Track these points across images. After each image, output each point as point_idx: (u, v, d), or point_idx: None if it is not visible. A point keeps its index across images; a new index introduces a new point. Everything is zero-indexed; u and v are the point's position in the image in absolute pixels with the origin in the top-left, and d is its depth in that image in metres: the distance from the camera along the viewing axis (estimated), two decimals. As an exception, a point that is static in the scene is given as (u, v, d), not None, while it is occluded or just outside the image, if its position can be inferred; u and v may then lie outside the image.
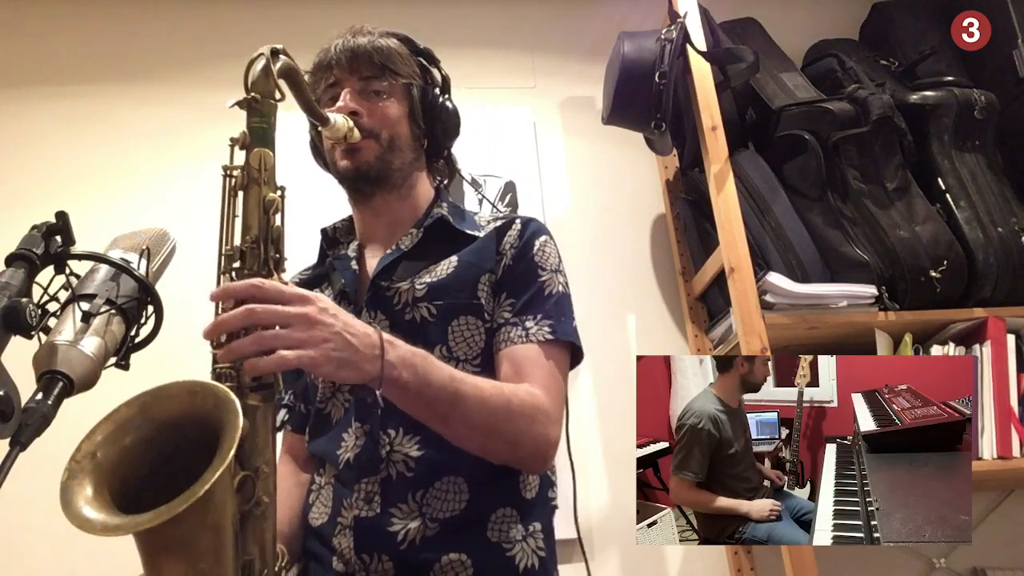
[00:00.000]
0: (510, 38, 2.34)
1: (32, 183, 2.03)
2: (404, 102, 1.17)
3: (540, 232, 1.16)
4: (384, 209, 1.18)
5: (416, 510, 1.01)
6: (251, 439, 0.81)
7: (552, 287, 1.11)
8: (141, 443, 0.76)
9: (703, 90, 1.86)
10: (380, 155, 1.14)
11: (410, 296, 1.10)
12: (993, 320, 1.77)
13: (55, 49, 2.19)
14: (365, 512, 1.02)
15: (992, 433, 1.69)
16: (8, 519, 1.69)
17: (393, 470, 1.03)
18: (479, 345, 1.09)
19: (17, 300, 0.73)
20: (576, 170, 2.23)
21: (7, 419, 0.69)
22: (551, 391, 1.03)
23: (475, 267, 1.11)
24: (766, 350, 1.64)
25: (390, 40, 1.18)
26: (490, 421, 0.96)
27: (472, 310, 1.09)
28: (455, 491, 1.03)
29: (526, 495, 1.07)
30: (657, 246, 2.19)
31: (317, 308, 0.83)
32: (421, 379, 0.90)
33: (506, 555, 1.02)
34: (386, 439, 1.04)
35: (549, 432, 1.01)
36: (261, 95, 0.89)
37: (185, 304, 1.52)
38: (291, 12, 2.29)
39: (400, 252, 1.14)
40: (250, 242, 0.87)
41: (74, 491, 0.71)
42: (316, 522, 1.08)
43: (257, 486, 0.81)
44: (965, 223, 1.85)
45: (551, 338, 1.06)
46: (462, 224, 1.18)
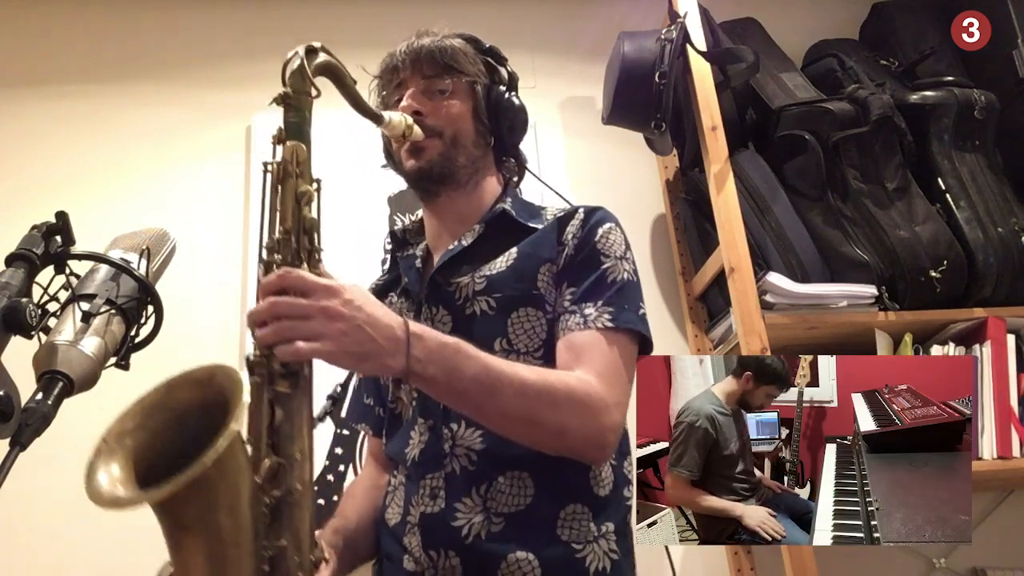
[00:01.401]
0: (510, 38, 2.32)
1: (32, 183, 2.03)
2: (468, 100, 1.17)
3: (605, 220, 1.13)
4: (450, 207, 1.18)
5: (480, 504, 1.00)
6: (284, 426, 0.80)
7: (616, 274, 1.07)
8: (168, 427, 0.76)
9: (703, 90, 1.86)
10: (444, 152, 1.13)
11: (470, 290, 1.08)
12: (993, 320, 1.77)
13: (55, 49, 2.20)
14: (430, 508, 1.01)
15: (992, 433, 1.69)
16: (8, 519, 1.69)
17: (456, 464, 1.02)
18: (540, 337, 1.06)
19: (17, 300, 0.73)
20: (576, 170, 2.23)
21: (7, 419, 0.69)
22: (607, 378, 0.99)
23: (534, 257, 1.09)
24: (766, 350, 1.64)
25: (454, 40, 1.19)
26: (531, 410, 0.93)
27: (532, 301, 1.07)
28: (519, 485, 1.01)
29: (599, 492, 1.04)
30: (657, 246, 2.19)
31: (341, 300, 0.82)
32: (450, 371, 0.88)
33: (576, 556, 0.99)
34: (448, 433, 1.03)
35: (603, 420, 0.97)
36: (295, 91, 0.89)
37: (185, 304, 1.53)
38: (291, 12, 2.29)
39: (460, 248, 1.14)
40: (283, 232, 0.87)
41: (99, 469, 0.71)
42: (391, 521, 1.08)
43: (291, 473, 0.79)
44: (965, 223, 1.85)
45: (611, 325, 1.03)
46: (525, 218, 1.16)
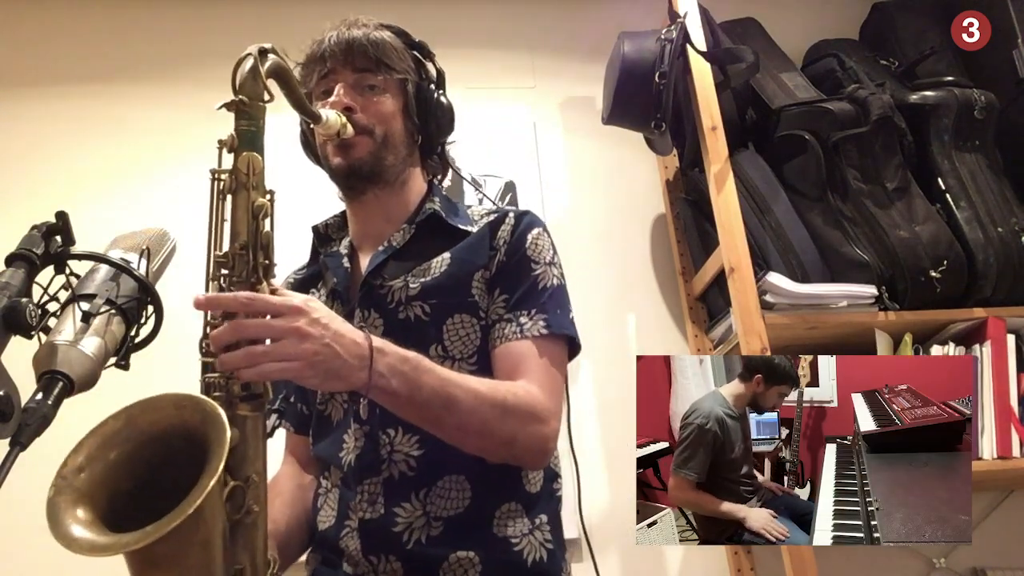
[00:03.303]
0: (510, 38, 2.34)
1: (32, 183, 2.03)
2: (399, 97, 1.16)
3: (533, 224, 1.15)
4: (376, 205, 1.17)
5: (420, 509, 1.02)
6: (241, 449, 0.81)
7: (546, 280, 1.10)
8: (128, 456, 0.76)
9: (703, 90, 1.86)
10: (374, 151, 1.12)
11: (403, 295, 1.09)
12: (993, 320, 1.77)
13: (55, 49, 2.19)
14: (370, 513, 1.02)
15: (992, 433, 1.69)
16: (8, 519, 1.69)
17: (395, 470, 1.03)
18: (475, 343, 1.08)
19: (17, 300, 0.73)
20: (576, 170, 2.23)
21: (7, 419, 0.69)
22: (547, 387, 1.03)
23: (468, 264, 1.11)
24: (766, 350, 1.64)
25: (384, 33, 1.16)
26: (484, 422, 0.96)
27: (466, 308, 1.09)
28: (458, 489, 1.03)
29: (530, 489, 1.07)
30: (657, 246, 2.19)
31: (308, 319, 0.83)
32: (411, 385, 0.91)
33: (514, 549, 1.02)
34: (386, 439, 1.04)
35: (545, 429, 1.01)
36: (249, 97, 0.89)
37: (185, 304, 1.52)
38: (291, 12, 2.29)
39: (392, 249, 1.13)
40: (239, 248, 0.86)
41: (61, 508, 0.71)
42: (323, 525, 1.08)
43: (247, 495, 0.81)
44: (965, 223, 1.85)
45: (546, 332, 1.06)
46: (454, 219, 1.16)
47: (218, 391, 0.82)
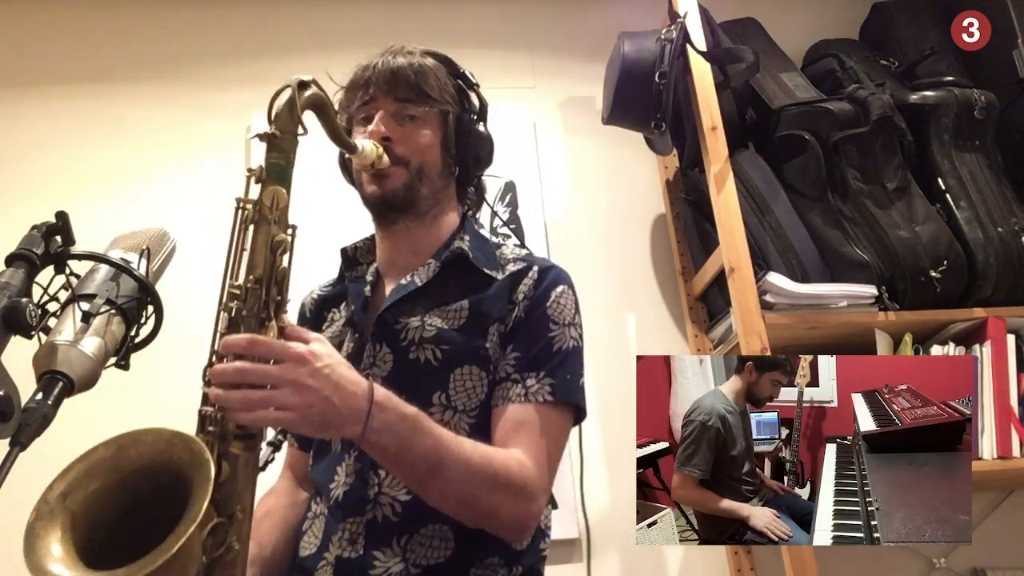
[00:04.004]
0: (510, 38, 2.34)
1: (32, 183, 2.03)
2: (438, 130, 1.14)
3: (557, 282, 1.11)
4: (406, 237, 1.16)
5: (400, 555, 0.99)
6: (230, 485, 0.81)
7: (562, 342, 1.07)
8: (113, 487, 0.76)
9: (703, 90, 1.86)
10: (408, 183, 1.11)
11: (418, 335, 1.07)
12: (993, 320, 1.77)
13: (55, 49, 2.19)
14: (348, 553, 1.00)
15: (992, 433, 1.69)
16: (8, 519, 1.69)
17: (379, 512, 1.01)
18: (479, 397, 1.06)
19: (17, 300, 0.73)
20: (576, 170, 2.23)
21: (7, 419, 0.69)
22: (541, 461, 1.01)
23: (485, 317, 1.08)
24: (766, 350, 1.64)
25: (428, 61, 1.15)
26: (469, 492, 0.94)
27: (477, 360, 1.06)
28: (440, 539, 1.01)
29: (516, 546, 1.04)
30: (657, 246, 2.19)
31: (310, 370, 0.82)
32: (403, 444, 0.90)
33: None
34: (375, 480, 1.02)
35: (530, 507, 0.99)
36: (282, 131, 0.89)
37: (185, 304, 1.52)
38: (291, 11, 2.29)
39: (414, 286, 1.11)
40: (253, 282, 0.86)
41: (39, 536, 0.71)
42: (304, 552, 1.07)
43: (230, 532, 0.80)
44: (965, 223, 1.85)
45: (551, 399, 1.03)
46: (482, 261, 1.14)
47: (213, 425, 0.82)
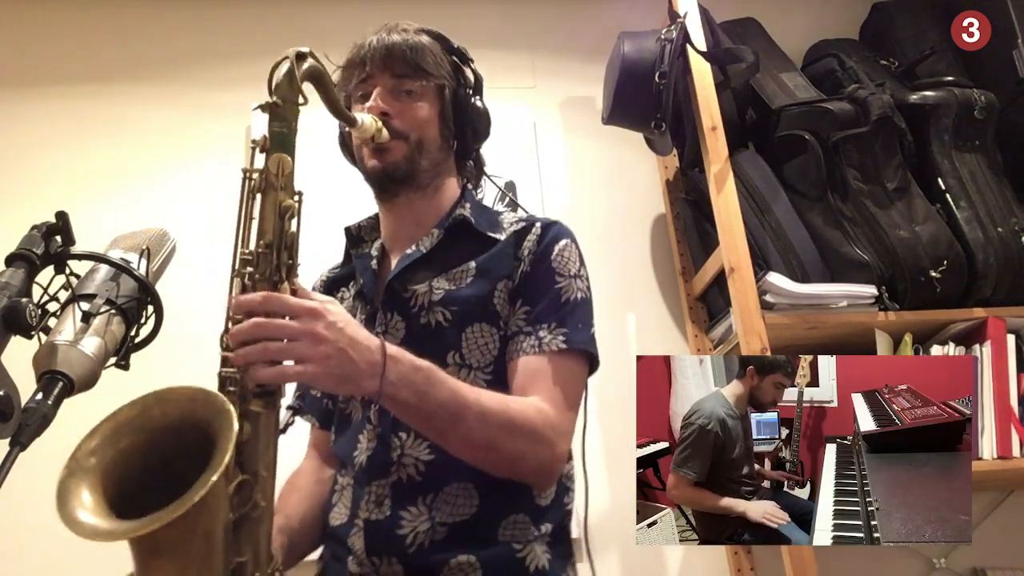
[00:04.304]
0: (510, 38, 2.34)
1: (32, 183, 2.03)
2: (436, 103, 1.16)
3: (561, 236, 1.14)
4: (409, 209, 1.17)
5: (425, 513, 1.01)
6: (252, 444, 0.82)
7: (569, 293, 1.09)
8: (140, 446, 0.77)
9: (703, 90, 1.86)
10: (408, 156, 1.13)
11: (426, 300, 1.09)
12: (993, 320, 1.77)
13: (55, 49, 2.19)
14: (376, 515, 1.02)
15: (992, 433, 1.69)
16: (8, 519, 1.69)
17: (403, 473, 1.03)
18: (492, 353, 1.08)
19: (17, 300, 0.73)
20: (576, 170, 2.23)
21: (7, 419, 0.69)
22: (560, 405, 1.02)
23: (492, 273, 1.10)
24: (766, 350, 1.64)
25: (423, 38, 1.17)
26: (491, 438, 0.96)
27: (487, 317, 1.08)
28: (465, 496, 1.02)
29: (540, 502, 1.06)
30: (657, 246, 2.19)
31: (324, 323, 0.84)
32: (421, 396, 0.91)
33: (516, 555, 1.02)
34: (397, 442, 1.04)
35: (554, 450, 1.01)
36: (283, 100, 0.90)
37: (185, 304, 1.53)
38: (291, 11, 2.29)
39: (419, 254, 1.14)
40: (263, 247, 0.88)
41: (70, 491, 0.71)
42: (335, 521, 1.09)
43: (255, 490, 0.81)
44: (965, 223, 1.85)
45: (564, 347, 1.05)
46: (484, 226, 1.16)
47: (233, 386, 0.83)
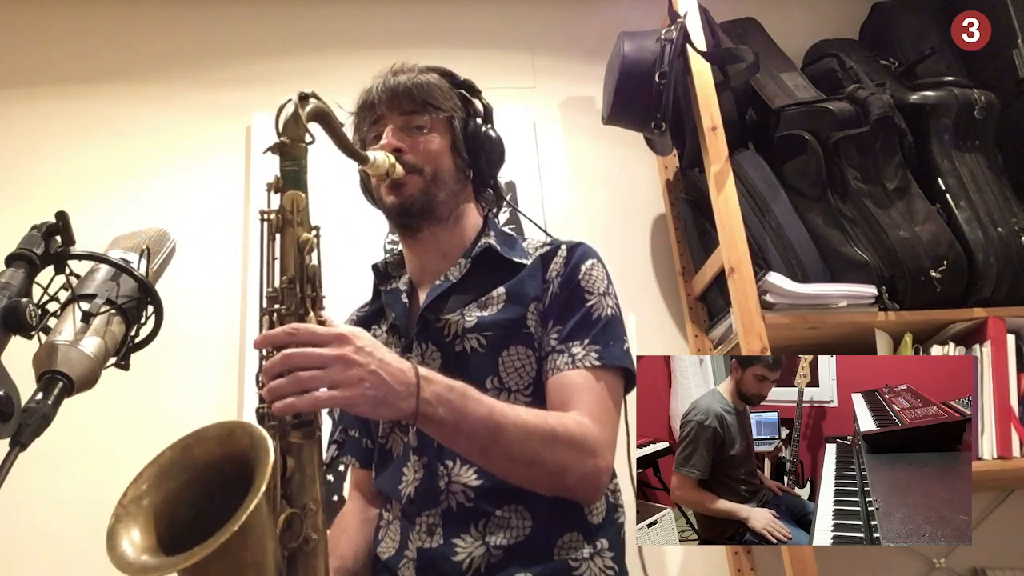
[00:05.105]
0: (510, 38, 2.34)
1: (32, 183, 2.03)
2: (446, 135, 1.18)
3: (586, 256, 1.15)
4: (433, 242, 1.19)
5: (480, 539, 1.01)
6: (297, 477, 0.83)
7: (600, 311, 1.10)
8: (185, 486, 0.78)
9: (703, 90, 1.86)
10: (424, 188, 1.14)
11: (460, 327, 1.10)
12: (993, 320, 1.77)
13: (55, 49, 2.19)
14: (428, 544, 1.02)
15: (992, 433, 1.69)
16: (8, 519, 1.69)
17: (453, 501, 1.03)
18: (530, 375, 1.08)
19: (17, 300, 0.73)
20: (576, 170, 2.23)
21: (7, 419, 0.69)
22: (599, 418, 1.02)
23: (522, 297, 1.11)
24: (766, 350, 1.64)
25: (429, 76, 1.19)
26: (533, 452, 0.95)
27: (521, 339, 1.09)
28: (517, 518, 1.02)
29: (592, 520, 1.06)
30: (657, 246, 2.19)
31: (354, 347, 0.84)
32: (458, 414, 0.91)
33: (573, 573, 1.01)
34: (443, 470, 1.04)
35: (597, 461, 1.00)
36: (291, 139, 0.92)
37: (185, 304, 1.53)
38: (291, 11, 2.29)
39: (449, 284, 1.15)
40: (287, 282, 0.89)
41: (120, 535, 0.72)
42: (384, 555, 1.09)
43: (305, 523, 0.82)
44: (965, 223, 1.85)
45: (598, 364, 1.05)
46: (510, 252, 1.17)
47: (271, 420, 0.84)
